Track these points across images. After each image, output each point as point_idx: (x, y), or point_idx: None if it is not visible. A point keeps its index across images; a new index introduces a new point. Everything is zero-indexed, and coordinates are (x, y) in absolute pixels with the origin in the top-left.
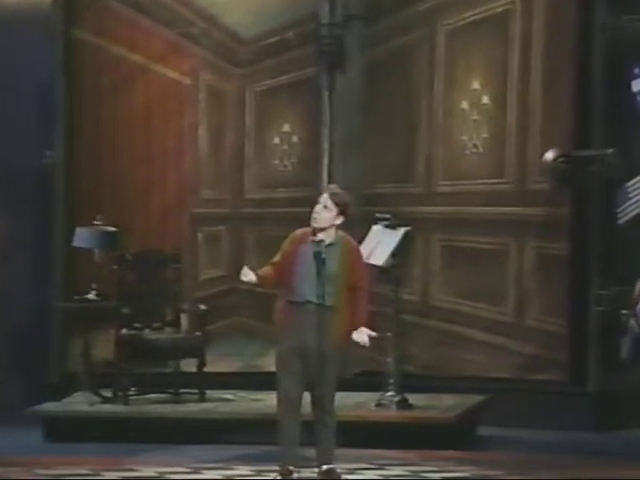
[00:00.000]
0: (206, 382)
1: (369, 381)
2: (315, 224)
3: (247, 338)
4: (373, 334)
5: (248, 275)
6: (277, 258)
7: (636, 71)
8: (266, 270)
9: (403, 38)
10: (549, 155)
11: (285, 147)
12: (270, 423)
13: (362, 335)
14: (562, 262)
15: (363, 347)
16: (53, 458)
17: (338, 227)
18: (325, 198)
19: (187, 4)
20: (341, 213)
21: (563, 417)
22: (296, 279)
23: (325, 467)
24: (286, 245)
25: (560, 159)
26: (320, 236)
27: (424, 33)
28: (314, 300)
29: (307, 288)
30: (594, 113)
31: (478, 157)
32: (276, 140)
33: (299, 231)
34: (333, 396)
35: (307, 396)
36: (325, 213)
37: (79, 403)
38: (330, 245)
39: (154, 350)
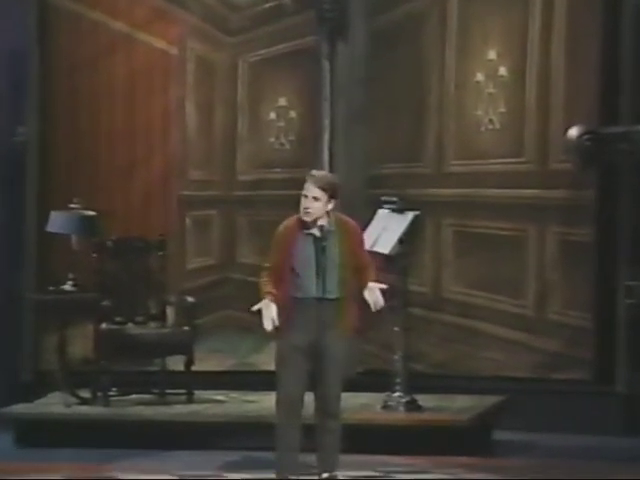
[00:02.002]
0: (195, 382)
1: (375, 381)
2: (308, 218)
3: (240, 333)
4: (384, 286)
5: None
6: (271, 262)
7: None
8: (269, 285)
9: (412, 3)
10: (573, 132)
11: (281, 123)
12: (266, 427)
13: (373, 292)
14: (587, 249)
15: (377, 311)
16: (25, 465)
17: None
18: (311, 189)
19: None
20: (331, 197)
21: (588, 420)
22: (296, 273)
23: (327, 475)
24: (278, 242)
25: (585, 136)
26: (314, 228)
27: None
28: (318, 295)
29: (309, 282)
30: (623, 86)
31: (494, 134)
32: (272, 116)
33: (289, 221)
34: (338, 397)
35: (307, 398)
36: (315, 204)
37: (54, 404)
38: (328, 233)
39: (137, 346)
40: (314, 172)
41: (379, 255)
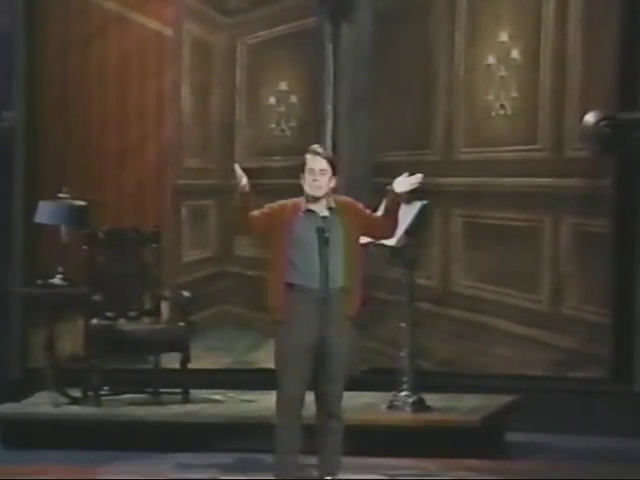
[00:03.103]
0: (190, 380)
1: (380, 379)
2: (319, 193)
3: (238, 330)
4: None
5: (242, 178)
6: (267, 210)
7: None
8: (256, 214)
9: None
10: (590, 118)
11: (282, 109)
12: (265, 427)
13: (404, 183)
14: (605, 241)
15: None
16: (11, 467)
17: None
18: (318, 161)
19: None
20: (334, 174)
21: (605, 421)
22: (296, 259)
23: (329, 478)
24: (277, 207)
25: (602, 122)
26: (316, 207)
27: None
28: (321, 285)
29: (311, 270)
30: None
31: (506, 120)
32: (271, 100)
33: (289, 202)
34: (341, 396)
35: (307, 397)
36: (324, 177)
37: (42, 404)
38: (330, 216)
39: (130, 343)
40: (315, 146)
41: (384, 247)
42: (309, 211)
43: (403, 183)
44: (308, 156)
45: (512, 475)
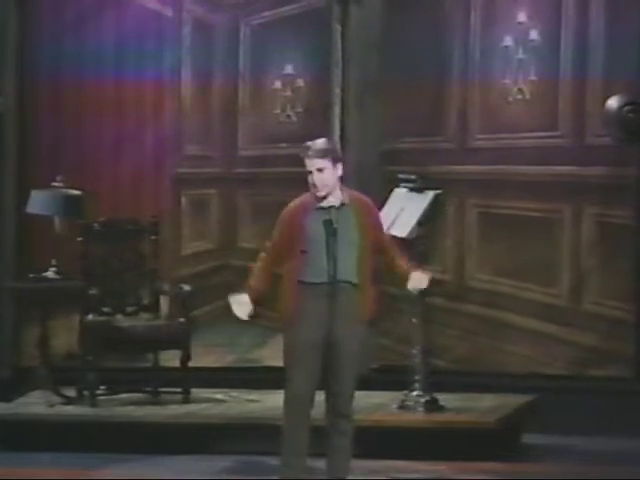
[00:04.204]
0: (191, 379)
1: (391, 378)
2: (323, 192)
3: (241, 326)
4: (430, 275)
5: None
6: (273, 240)
7: None
8: (257, 276)
9: None
10: (613, 102)
11: (288, 93)
12: (270, 428)
13: (419, 280)
14: (628, 233)
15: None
16: (3, 470)
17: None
18: (312, 162)
19: None
20: (336, 161)
21: (628, 421)
22: (308, 256)
23: None
24: (285, 219)
25: (627, 107)
26: (326, 202)
27: None
28: (330, 279)
29: (319, 264)
30: None
31: (524, 105)
32: (277, 85)
33: (300, 199)
34: (352, 396)
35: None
36: (323, 175)
37: (36, 404)
38: (341, 208)
39: (127, 340)
40: (307, 144)
41: (396, 239)
42: (320, 208)
43: (418, 281)
44: (304, 158)
45: (529, 478)
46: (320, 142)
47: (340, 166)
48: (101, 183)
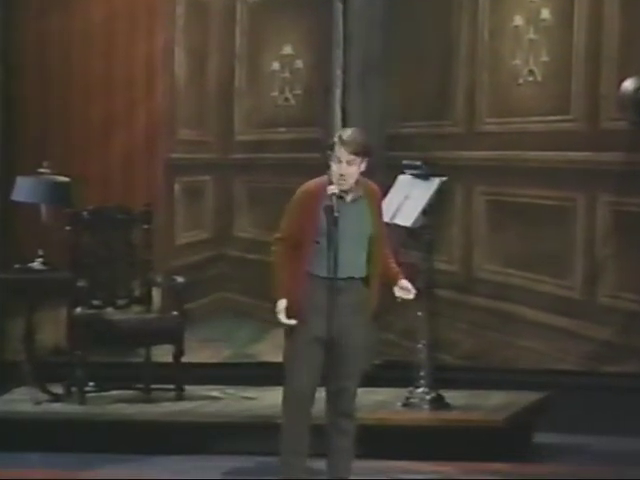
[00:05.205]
0: (185, 375)
1: (394, 374)
2: (346, 186)
3: (237, 319)
4: (413, 290)
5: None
6: (284, 232)
7: None
8: (285, 271)
9: None
10: (629, 85)
11: (286, 75)
12: (267, 427)
13: (406, 291)
14: None
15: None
16: None
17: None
18: (344, 154)
19: None
20: (364, 157)
21: None
22: (319, 247)
23: None
24: (295, 208)
25: None
26: (340, 190)
27: None
28: (329, 270)
29: (320, 254)
30: None
31: (535, 87)
32: (275, 66)
33: (311, 183)
34: (355, 393)
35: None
36: (351, 169)
37: (20, 401)
38: (356, 199)
39: (118, 334)
40: (343, 134)
41: (400, 228)
42: (333, 191)
43: (405, 292)
44: (336, 144)
45: (540, 479)
46: (357, 134)
47: (366, 162)
48: (90, 169)
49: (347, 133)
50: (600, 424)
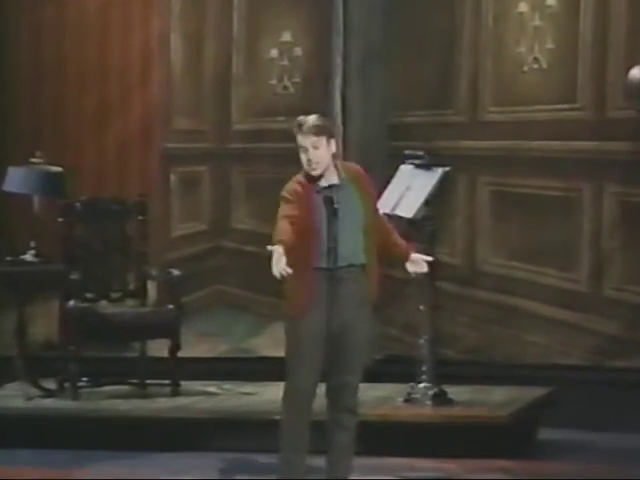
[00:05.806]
0: (181, 370)
1: (396, 369)
2: (318, 171)
3: (234, 313)
4: (429, 258)
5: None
6: (288, 213)
7: None
8: (286, 232)
9: None
10: (636, 72)
11: (285, 62)
12: (266, 423)
13: (419, 264)
14: None
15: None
16: None
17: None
18: (305, 139)
19: None
20: (329, 138)
21: None
22: (315, 240)
23: None
24: (291, 198)
25: None
26: (324, 180)
27: None
28: (329, 262)
29: (320, 247)
30: None
31: (540, 75)
32: (273, 53)
33: (292, 184)
34: (357, 388)
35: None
36: (317, 152)
37: (12, 397)
38: (341, 185)
39: (112, 328)
40: (300, 120)
41: (402, 220)
42: (322, 188)
43: (419, 265)
44: (296, 134)
45: (545, 477)
46: (314, 118)
47: (334, 142)
48: (84, 159)
49: (302, 119)
50: (606, 420)
